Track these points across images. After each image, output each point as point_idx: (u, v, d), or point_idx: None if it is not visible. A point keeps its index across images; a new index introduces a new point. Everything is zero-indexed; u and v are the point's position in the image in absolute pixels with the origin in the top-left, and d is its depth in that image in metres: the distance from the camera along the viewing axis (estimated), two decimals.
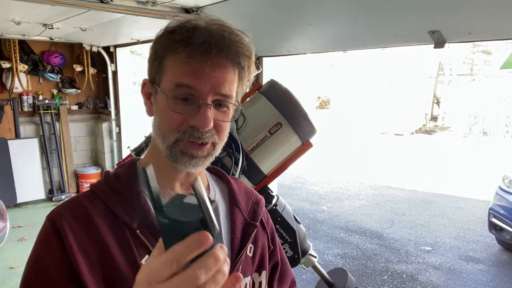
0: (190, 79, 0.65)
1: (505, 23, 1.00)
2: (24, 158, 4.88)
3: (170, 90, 0.66)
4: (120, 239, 0.67)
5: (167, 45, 0.67)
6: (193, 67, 0.65)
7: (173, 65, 0.67)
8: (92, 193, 0.71)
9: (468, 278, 4.02)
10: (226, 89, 0.67)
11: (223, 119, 0.69)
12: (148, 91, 0.72)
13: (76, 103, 5.46)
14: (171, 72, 0.67)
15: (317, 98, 18.58)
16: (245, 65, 0.69)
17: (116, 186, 0.71)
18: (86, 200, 0.70)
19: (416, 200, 6.58)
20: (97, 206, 0.69)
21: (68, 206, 0.70)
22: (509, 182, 4.38)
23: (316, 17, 1.35)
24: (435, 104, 15.80)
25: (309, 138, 1.35)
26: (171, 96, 0.66)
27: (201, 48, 0.64)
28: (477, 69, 16.50)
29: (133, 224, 0.68)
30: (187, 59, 0.65)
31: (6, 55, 4.75)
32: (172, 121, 0.67)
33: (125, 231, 0.67)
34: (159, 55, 0.68)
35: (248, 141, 1.30)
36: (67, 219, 0.67)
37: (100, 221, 0.67)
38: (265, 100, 1.32)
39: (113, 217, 0.68)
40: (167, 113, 0.67)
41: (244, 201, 0.84)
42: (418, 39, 1.20)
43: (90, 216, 0.67)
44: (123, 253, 0.66)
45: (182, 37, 0.65)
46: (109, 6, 1.58)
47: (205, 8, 1.62)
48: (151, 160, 0.73)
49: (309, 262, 1.31)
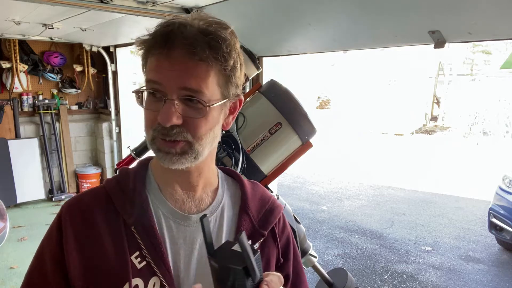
0: (154, 74, 0.64)
1: (505, 23, 1.00)
2: (24, 158, 4.88)
3: (145, 87, 0.66)
4: (115, 233, 0.69)
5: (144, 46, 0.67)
6: (157, 62, 0.64)
7: (147, 62, 0.67)
8: (103, 188, 0.75)
9: (468, 278, 4.02)
10: (192, 83, 0.63)
11: (195, 116, 0.65)
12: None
13: (76, 103, 5.46)
14: (146, 69, 0.67)
15: (317, 98, 18.58)
16: (220, 57, 0.64)
17: (123, 183, 0.74)
18: (95, 194, 0.74)
19: (416, 200, 6.58)
20: (102, 201, 0.72)
21: (78, 198, 0.75)
22: (509, 182, 4.38)
23: (316, 17, 1.35)
24: (435, 104, 15.80)
25: (309, 138, 1.35)
26: (145, 93, 0.66)
27: (161, 40, 0.63)
28: (477, 69, 16.49)
29: (129, 221, 0.69)
30: (153, 53, 0.64)
31: (6, 55, 4.75)
32: (147, 119, 0.67)
33: (121, 227, 0.69)
34: (143, 58, 0.68)
35: (248, 141, 1.29)
36: (71, 212, 0.72)
37: (102, 216, 0.70)
38: (265, 100, 1.32)
39: (114, 213, 0.70)
40: (144, 112, 0.68)
41: (256, 207, 0.80)
42: (418, 39, 1.20)
43: (94, 211, 0.71)
44: (115, 247, 0.68)
45: (153, 32, 0.65)
46: (109, 6, 1.58)
47: (205, 8, 1.62)
48: (157, 162, 0.74)
49: (309, 262, 1.31)
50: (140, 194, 0.72)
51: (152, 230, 0.69)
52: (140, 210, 0.70)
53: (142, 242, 0.68)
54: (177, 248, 0.71)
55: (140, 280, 0.67)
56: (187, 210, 0.73)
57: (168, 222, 0.72)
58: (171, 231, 0.71)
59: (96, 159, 5.62)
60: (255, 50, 1.61)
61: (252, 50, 1.58)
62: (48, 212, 4.76)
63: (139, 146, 1.52)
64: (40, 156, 5.08)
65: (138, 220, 0.69)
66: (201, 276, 0.71)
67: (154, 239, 0.68)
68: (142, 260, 0.68)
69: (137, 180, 0.74)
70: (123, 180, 0.74)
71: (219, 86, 0.67)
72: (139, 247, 0.68)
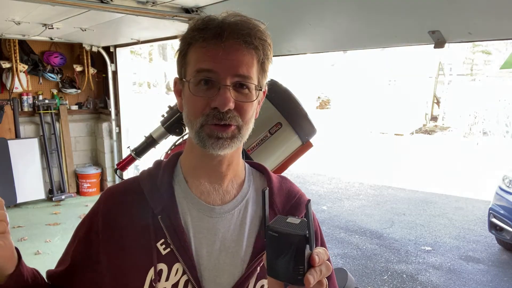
0: (207, 63, 0.69)
1: (505, 23, 1.00)
2: (24, 158, 4.88)
3: (192, 77, 0.70)
4: (143, 222, 0.74)
5: (187, 38, 0.71)
6: (209, 52, 0.69)
7: (193, 54, 0.71)
8: (136, 178, 0.81)
9: (468, 278, 4.02)
10: (244, 70, 0.69)
11: (245, 100, 0.71)
12: (179, 88, 0.76)
13: (76, 103, 5.46)
14: (192, 61, 0.71)
15: (317, 98, 18.58)
16: (260, 47, 0.71)
17: (154, 175, 0.79)
18: (130, 184, 0.79)
19: (416, 200, 6.58)
20: (135, 190, 0.77)
21: (114, 189, 0.81)
22: (509, 182, 4.38)
23: (316, 17, 1.35)
24: (435, 104, 15.80)
25: (309, 138, 1.35)
26: (192, 82, 0.70)
27: (214, 33, 0.68)
28: (477, 69, 16.49)
29: (156, 210, 0.74)
30: (203, 44, 0.69)
31: (6, 55, 4.75)
32: (196, 106, 0.70)
33: (149, 216, 0.74)
34: (182, 50, 0.73)
35: (248, 141, 1.29)
36: (107, 201, 0.79)
37: (133, 205, 0.76)
38: (265, 100, 1.32)
39: (144, 202, 0.75)
40: (191, 99, 0.71)
41: (281, 202, 0.82)
42: (418, 39, 1.20)
43: (127, 200, 0.77)
44: (142, 234, 0.73)
45: (198, 26, 0.70)
46: (109, 6, 1.58)
47: (205, 8, 1.62)
48: (187, 156, 0.80)
49: None
50: (168, 185, 0.76)
51: (176, 219, 0.73)
52: (166, 201, 0.75)
53: (167, 231, 0.72)
54: (200, 237, 0.74)
55: (164, 265, 0.72)
56: (212, 202, 0.77)
57: (193, 212, 0.75)
58: (195, 221, 0.75)
59: (96, 159, 5.62)
60: None
61: None
62: (48, 212, 4.76)
63: (139, 146, 1.52)
64: (40, 156, 5.07)
65: (164, 210, 0.74)
66: (223, 265, 0.74)
67: (178, 228, 0.73)
68: (166, 247, 0.72)
69: (166, 172, 0.78)
70: (154, 172, 0.79)
71: (259, 75, 0.74)
72: (164, 235, 0.72)
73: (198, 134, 0.71)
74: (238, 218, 0.77)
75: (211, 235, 0.75)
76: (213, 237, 0.75)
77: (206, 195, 0.76)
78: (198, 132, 0.71)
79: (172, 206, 0.75)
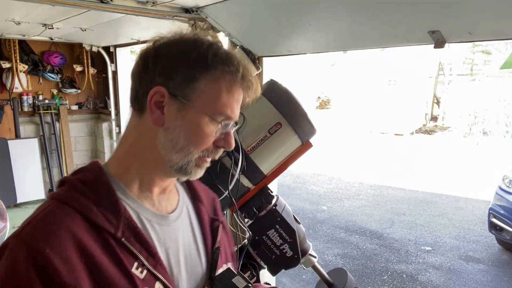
0: (231, 110, 0.72)
1: (505, 23, 1.00)
2: (24, 158, 4.88)
3: (212, 114, 0.70)
4: (108, 251, 0.65)
5: (200, 63, 0.69)
6: (234, 99, 0.72)
7: (214, 89, 0.70)
8: (65, 205, 0.66)
9: (468, 278, 4.02)
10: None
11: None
12: (163, 101, 0.69)
13: (76, 103, 5.46)
14: (212, 95, 0.70)
15: (317, 98, 18.58)
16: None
17: (91, 195, 0.68)
18: (64, 216, 0.64)
19: (416, 200, 6.57)
20: (77, 220, 0.64)
21: (46, 228, 0.62)
22: (509, 182, 4.38)
23: (316, 17, 1.35)
24: (435, 104, 15.80)
25: (309, 138, 1.35)
26: (209, 120, 0.70)
27: (240, 80, 0.71)
28: (477, 69, 16.49)
29: (117, 234, 0.66)
30: (232, 90, 0.71)
31: (6, 55, 4.75)
32: (205, 141, 0.71)
33: (110, 242, 0.65)
34: (191, 72, 0.69)
35: (248, 141, 1.29)
36: (52, 244, 0.60)
37: (86, 238, 0.63)
38: (265, 100, 1.32)
39: (95, 230, 0.65)
40: (200, 133, 0.70)
41: (205, 198, 0.88)
42: (418, 39, 1.20)
43: (76, 234, 0.62)
44: (115, 265, 0.65)
45: (220, 60, 0.69)
46: (109, 6, 1.58)
47: (205, 8, 1.62)
48: (134, 165, 0.73)
49: (309, 262, 1.31)
50: (118, 204, 0.68)
51: (143, 237, 0.69)
52: (124, 220, 0.68)
53: (138, 252, 0.67)
54: (166, 248, 0.73)
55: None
56: (164, 210, 0.76)
57: (152, 225, 0.73)
58: (157, 234, 0.73)
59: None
60: (255, 50, 1.61)
61: (252, 50, 1.58)
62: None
63: None
64: (40, 156, 5.07)
65: (126, 230, 0.67)
66: (190, 270, 0.76)
67: (147, 246, 0.69)
68: (142, 270, 0.67)
69: (108, 191, 0.69)
70: (90, 194, 0.68)
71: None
72: (136, 257, 0.67)
73: (188, 163, 0.71)
74: (186, 221, 0.80)
75: (173, 243, 0.75)
76: (175, 244, 0.75)
77: (157, 205, 0.75)
78: (188, 162, 0.71)
79: (132, 224, 0.68)
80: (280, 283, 3.76)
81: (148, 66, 0.70)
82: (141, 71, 0.72)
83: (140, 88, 0.71)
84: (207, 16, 1.63)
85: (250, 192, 1.34)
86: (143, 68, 0.71)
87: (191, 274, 0.76)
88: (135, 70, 0.73)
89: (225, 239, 0.87)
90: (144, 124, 0.72)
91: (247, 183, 1.32)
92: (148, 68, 0.70)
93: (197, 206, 0.84)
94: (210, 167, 1.11)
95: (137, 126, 0.74)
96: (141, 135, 0.73)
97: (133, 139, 0.74)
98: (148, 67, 0.70)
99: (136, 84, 0.73)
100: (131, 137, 0.74)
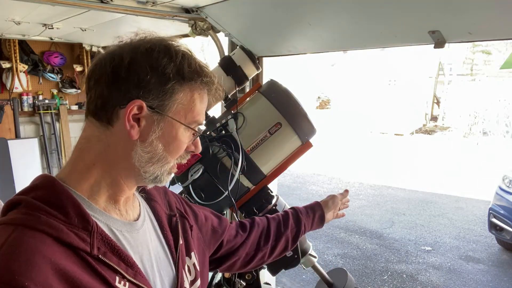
0: (202, 117, 0.75)
1: (505, 23, 1.00)
2: (24, 158, 4.88)
3: (188, 123, 0.72)
4: (88, 271, 0.62)
5: (177, 75, 0.69)
6: (205, 106, 0.75)
7: (189, 100, 0.71)
8: (32, 230, 0.59)
9: (468, 278, 4.02)
10: None
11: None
12: (139, 113, 0.67)
13: (76, 103, 5.45)
14: (188, 106, 0.71)
15: (317, 98, 18.59)
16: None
17: (57, 214, 0.62)
18: (35, 242, 0.58)
19: (416, 200, 6.58)
20: (49, 244, 0.59)
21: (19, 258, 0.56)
22: (509, 182, 4.38)
23: (316, 17, 1.34)
24: (435, 104, 15.81)
25: (309, 138, 1.35)
26: (186, 129, 0.72)
27: (213, 90, 0.75)
28: (477, 69, 16.50)
29: (93, 251, 0.63)
30: (204, 98, 0.74)
31: (6, 55, 4.75)
32: (181, 149, 0.74)
33: (88, 260, 0.62)
34: (168, 84, 0.68)
35: (248, 141, 1.29)
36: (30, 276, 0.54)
37: (63, 261, 0.59)
38: (265, 100, 1.32)
39: (69, 250, 0.61)
40: (177, 142, 0.72)
41: (158, 195, 0.88)
42: (418, 39, 1.20)
43: (53, 260, 0.57)
44: (100, 284, 0.62)
45: (195, 71, 0.71)
46: (109, 6, 1.58)
47: (205, 8, 1.62)
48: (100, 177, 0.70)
49: (309, 262, 1.31)
50: (89, 220, 0.65)
51: (118, 249, 0.67)
52: (98, 236, 0.65)
53: (116, 265, 0.65)
54: (140, 255, 0.73)
55: None
56: (131, 218, 0.77)
57: (123, 234, 0.72)
58: (129, 243, 0.72)
59: None
60: (255, 50, 1.61)
61: (252, 50, 1.58)
62: None
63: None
64: (40, 156, 5.07)
65: (102, 246, 0.65)
66: (163, 271, 0.77)
67: (124, 258, 0.68)
68: (125, 282, 0.66)
69: (74, 206, 0.64)
70: (55, 213, 0.62)
71: None
72: (116, 270, 0.65)
73: (163, 173, 0.73)
74: (150, 224, 0.81)
75: (145, 249, 0.75)
76: (146, 250, 0.75)
77: (125, 215, 0.75)
78: (164, 170, 0.73)
79: (105, 238, 0.66)
80: (280, 283, 3.76)
81: (119, 75, 0.67)
82: (110, 79, 0.67)
83: (110, 99, 0.68)
84: (207, 16, 1.63)
85: (250, 192, 1.34)
86: (112, 77, 0.67)
87: (164, 276, 0.77)
88: (102, 78, 0.68)
89: (187, 228, 0.88)
90: (114, 136, 0.69)
91: (247, 183, 1.32)
92: (120, 78, 0.67)
93: (153, 206, 0.85)
94: (210, 167, 1.11)
95: (102, 138, 0.69)
96: (110, 147, 0.69)
97: (97, 151, 0.70)
98: (119, 77, 0.67)
99: (104, 93, 0.68)
100: (94, 149, 0.70)
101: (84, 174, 0.69)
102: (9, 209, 0.64)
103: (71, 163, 0.71)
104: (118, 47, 0.72)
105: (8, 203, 0.65)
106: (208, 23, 1.69)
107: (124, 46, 0.71)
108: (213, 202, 1.27)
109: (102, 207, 0.71)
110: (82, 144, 0.72)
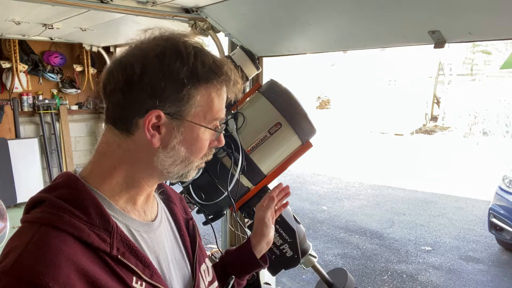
0: (222, 112, 0.73)
1: (505, 23, 1.00)
2: (24, 158, 4.88)
3: (208, 123, 0.71)
4: (108, 271, 0.63)
5: (192, 78, 0.67)
6: (223, 101, 0.73)
7: (207, 100, 0.70)
8: (56, 230, 0.61)
9: (468, 278, 4.02)
10: None
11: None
12: (158, 122, 0.67)
13: (76, 103, 5.45)
14: (206, 106, 0.70)
15: (317, 98, 18.58)
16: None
17: (80, 214, 0.64)
18: (59, 242, 0.59)
19: (416, 200, 6.58)
20: (72, 244, 0.60)
21: (44, 258, 0.57)
22: (509, 182, 4.38)
23: (316, 17, 1.35)
24: (435, 104, 15.80)
25: (309, 138, 1.35)
26: (207, 128, 0.71)
27: (229, 83, 0.72)
28: (477, 69, 16.50)
29: (113, 252, 0.64)
30: (221, 94, 0.72)
31: (6, 55, 4.75)
32: (204, 149, 0.74)
33: (108, 261, 0.63)
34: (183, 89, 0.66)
35: (248, 141, 1.29)
36: (54, 276, 0.56)
37: (85, 262, 0.60)
38: (265, 100, 1.32)
39: (90, 250, 0.62)
40: (200, 142, 0.72)
41: (176, 199, 0.90)
42: (418, 39, 1.20)
43: (76, 261, 0.59)
44: (118, 284, 0.63)
45: (209, 70, 0.68)
46: (109, 6, 1.58)
47: (205, 8, 1.62)
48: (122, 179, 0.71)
49: (309, 262, 1.31)
50: (110, 220, 0.66)
51: (136, 250, 0.68)
52: (118, 236, 0.66)
53: (134, 266, 0.66)
54: (157, 255, 0.74)
55: None
56: (149, 218, 0.77)
57: (141, 235, 0.73)
58: (146, 243, 0.73)
59: None
60: (255, 50, 1.61)
61: (252, 50, 1.58)
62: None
63: None
64: (40, 156, 5.07)
65: (121, 247, 0.66)
66: (179, 272, 0.78)
67: (142, 258, 0.68)
68: (141, 282, 0.67)
69: (95, 206, 0.66)
70: (78, 213, 0.64)
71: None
72: (133, 271, 0.66)
73: (189, 171, 0.74)
74: (167, 225, 0.82)
75: (161, 249, 0.76)
76: (163, 250, 0.76)
77: (143, 214, 0.76)
78: (191, 167, 0.74)
79: (124, 239, 0.67)
80: (280, 283, 3.76)
81: (133, 86, 0.66)
82: (125, 90, 0.66)
83: (128, 109, 0.67)
84: (207, 16, 1.63)
85: (250, 192, 1.34)
86: (127, 88, 0.66)
87: (180, 277, 0.78)
88: (117, 87, 0.67)
89: (197, 235, 0.90)
90: (135, 143, 0.69)
91: (247, 183, 1.32)
92: (134, 86, 0.66)
93: (171, 208, 0.86)
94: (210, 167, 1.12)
95: (123, 144, 0.70)
96: (130, 153, 0.70)
97: (118, 156, 0.70)
98: (133, 85, 0.66)
99: (120, 103, 0.68)
100: (115, 154, 0.71)
101: (106, 175, 0.71)
102: (33, 206, 0.65)
103: (93, 164, 0.73)
104: (128, 53, 0.70)
105: (31, 200, 0.66)
106: (208, 23, 1.69)
107: (134, 52, 0.69)
108: (213, 202, 1.27)
109: (122, 207, 0.72)
110: (103, 148, 0.73)
